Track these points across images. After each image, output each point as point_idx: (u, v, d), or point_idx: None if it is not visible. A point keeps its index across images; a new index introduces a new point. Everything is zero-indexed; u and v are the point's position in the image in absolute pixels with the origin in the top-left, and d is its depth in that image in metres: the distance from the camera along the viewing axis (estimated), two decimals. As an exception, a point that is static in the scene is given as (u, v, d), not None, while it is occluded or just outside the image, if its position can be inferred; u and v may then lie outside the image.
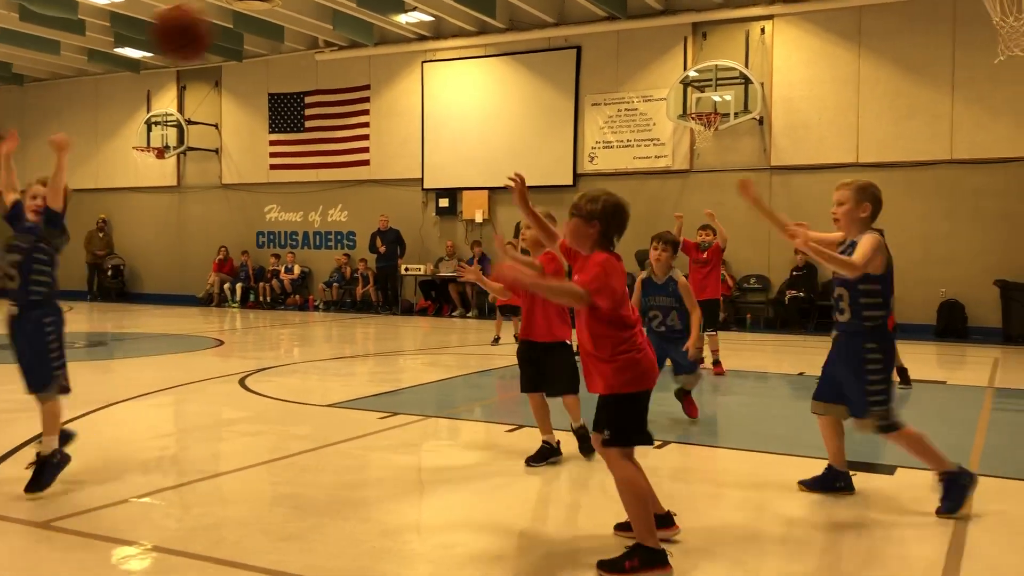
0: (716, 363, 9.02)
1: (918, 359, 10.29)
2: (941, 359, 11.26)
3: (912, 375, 8.28)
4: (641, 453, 3.56)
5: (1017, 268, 13.13)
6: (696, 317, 6.20)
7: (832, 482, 4.48)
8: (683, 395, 6.50)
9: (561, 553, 3.67)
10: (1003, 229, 13.39)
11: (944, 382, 8.83)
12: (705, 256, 9.21)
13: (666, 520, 3.76)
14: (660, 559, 3.38)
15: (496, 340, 11.73)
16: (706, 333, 8.56)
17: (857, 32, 14.39)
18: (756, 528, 4.07)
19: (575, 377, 5.05)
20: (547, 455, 5.16)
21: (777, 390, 8.87)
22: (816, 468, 4.62)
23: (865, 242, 4.21)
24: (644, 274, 6.47)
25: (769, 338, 13.47)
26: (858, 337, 4.26)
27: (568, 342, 5.15)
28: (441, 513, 4.37)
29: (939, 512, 4.14)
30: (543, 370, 5.13)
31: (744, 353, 11.23)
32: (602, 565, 3.42)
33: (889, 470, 4.98)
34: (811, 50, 14.77)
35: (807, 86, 14.78)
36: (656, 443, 5.48)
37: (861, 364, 4.23)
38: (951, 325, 13.26)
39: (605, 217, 3.56)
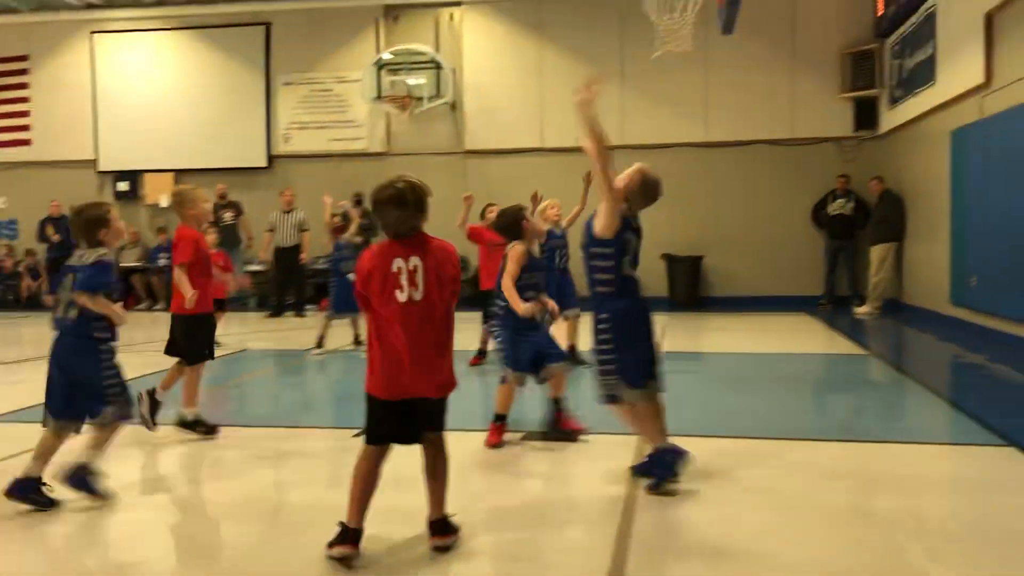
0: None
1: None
2: (620, 328, 12.28)
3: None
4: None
5: (679, 243, 14.67)
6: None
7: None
8: (557, 407, 5.34)
9: (259, 554, 3.55)
10: (668, 208, 14.70)
11: (622, 349, 9.64)
12: None
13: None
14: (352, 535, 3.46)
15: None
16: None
17: (539, 23, 15.21)
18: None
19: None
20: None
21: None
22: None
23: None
24: (523, 247, 5.30)
25: (466, 315, 13.92)
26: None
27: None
28: (122, 527, 4.04)
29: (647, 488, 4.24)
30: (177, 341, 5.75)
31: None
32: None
33: (571, 437, 5.34)
34: (498, 38, 15.39)
35: (495, 73, 15.40)
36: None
37: None
38: (627, 296, 14.51)
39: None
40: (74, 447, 4.34)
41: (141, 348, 10.66)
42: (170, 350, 5.85)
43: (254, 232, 15.30)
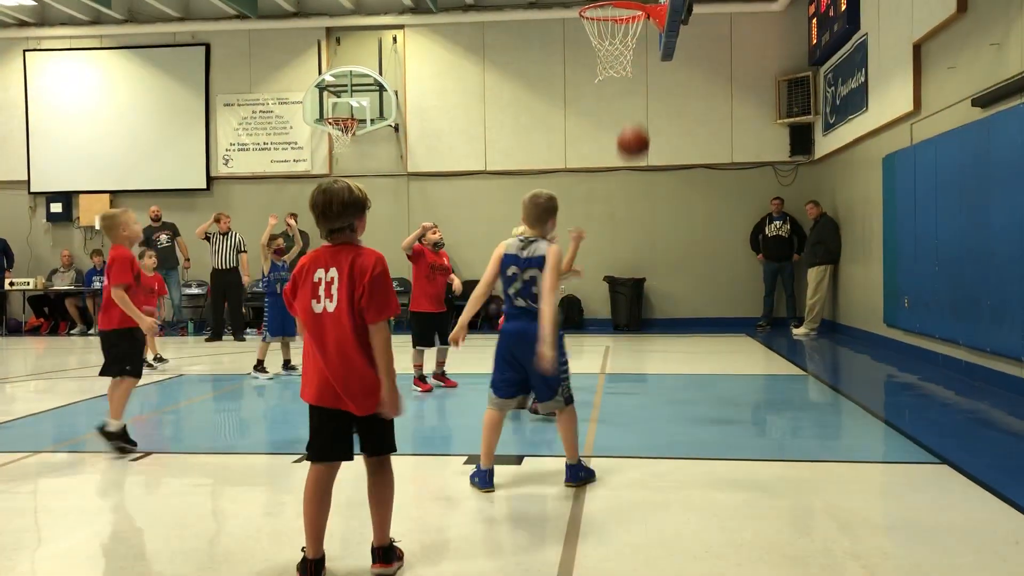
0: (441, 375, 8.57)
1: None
2: (563, 350, 12.32)
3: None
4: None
5: (620, 265, 14.83)
6: None
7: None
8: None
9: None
10: (609, 231, 15.02)
11: (566, 372, 9.66)
12: (446, 261, 8.47)
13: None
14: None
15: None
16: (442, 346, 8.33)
17: (481, 46, 15.31)
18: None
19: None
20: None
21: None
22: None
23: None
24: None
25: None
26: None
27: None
28: (59, 561, 3.90)
29: (567, 482, 4.77)
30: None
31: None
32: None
33: (517, 460, 5.34)
34: (440, 61, 15.44)
35: (438, 96, 15.43)
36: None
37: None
38: (570, 318, 14.61)
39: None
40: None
41: (75, 374, 10.36)
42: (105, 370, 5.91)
43: (190, 254, 15.07)
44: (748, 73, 14.89)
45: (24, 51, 16.22)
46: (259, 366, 9.36)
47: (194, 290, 15.74)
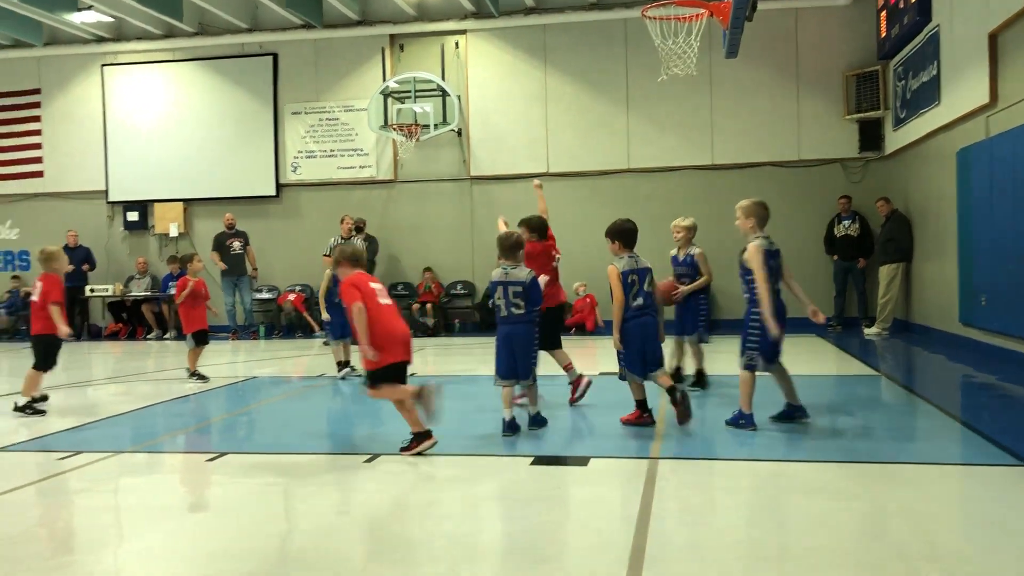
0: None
1: (609, 351, 11.13)
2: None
3: (604, 367, 8.93)
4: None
5: (687, 265, 14.66)
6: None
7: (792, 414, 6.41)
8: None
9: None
10: (669, 231, 14.87)
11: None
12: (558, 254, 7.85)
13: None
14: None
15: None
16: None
17: (543, 49, 15.33)
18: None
19: None
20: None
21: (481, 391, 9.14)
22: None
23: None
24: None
25: (476, 340, 13.95)
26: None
27: None
28: (139, 558, 4.03)
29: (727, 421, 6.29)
30: None
31: (454, 356, 11.54)
32: None
33: (583, 461, 5.33)
34: (502, 65, 15.51)
35: (500, 100, 15.50)
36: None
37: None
38: (636, 320, 14.47)
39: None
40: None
41: (152, 377, 10.69)
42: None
43: (257, 263, 15.44)
44: (814, 69, 14.60)
45: (102, 66, 16.80)
46: (342, 366, 9.74)
47: (265, 295, 16.08)
